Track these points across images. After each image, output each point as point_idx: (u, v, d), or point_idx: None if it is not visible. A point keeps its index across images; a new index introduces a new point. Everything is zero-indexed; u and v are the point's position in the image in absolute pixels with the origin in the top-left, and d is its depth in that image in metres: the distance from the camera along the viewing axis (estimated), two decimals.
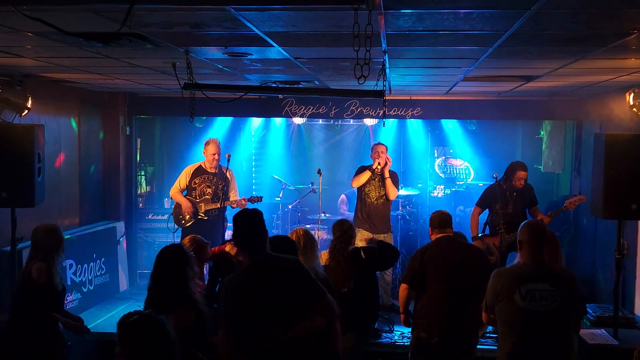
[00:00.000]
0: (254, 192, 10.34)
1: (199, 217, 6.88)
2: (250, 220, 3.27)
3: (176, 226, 6.99)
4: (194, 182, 6.97)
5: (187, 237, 4.68)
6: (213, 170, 7.00)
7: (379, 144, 7.01)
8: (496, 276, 3.69)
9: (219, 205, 6.82)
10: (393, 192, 6.79)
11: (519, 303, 3.49)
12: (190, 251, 4.26)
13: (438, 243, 4.56)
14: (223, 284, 3.39)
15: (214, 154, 6.93)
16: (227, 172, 6.89)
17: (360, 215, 6.79)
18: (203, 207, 6.88)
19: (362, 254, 4.86)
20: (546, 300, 3.47)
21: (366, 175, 6.71)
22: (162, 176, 10.07)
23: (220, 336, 3.15)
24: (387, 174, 6.71)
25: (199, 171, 7.02)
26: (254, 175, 10.77)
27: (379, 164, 6.74)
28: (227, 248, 5.02)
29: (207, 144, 7.01)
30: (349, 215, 9.02)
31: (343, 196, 9.29)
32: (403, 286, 4.50)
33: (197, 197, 6.94)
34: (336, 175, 10.01)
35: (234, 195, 6.98)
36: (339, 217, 8.83)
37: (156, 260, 3.70)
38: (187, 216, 6.89)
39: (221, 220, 6.85)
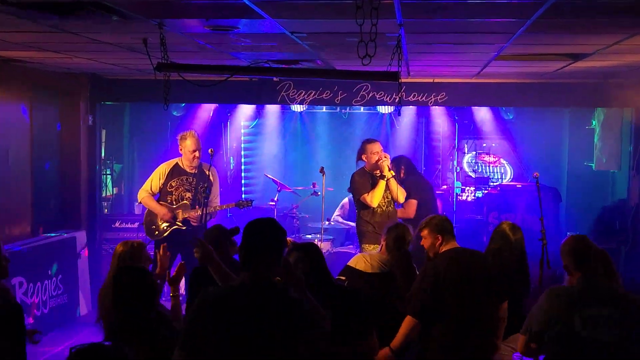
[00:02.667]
0: (243, 195, 10.42)
1: (176, 226, 6.84)
2: (262, 235, 3.16)
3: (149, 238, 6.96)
4: (170, 185, 6.87)
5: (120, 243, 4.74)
6: (193, 170, 6.91)
7: (372, 141, 6.76)
8: (550, 298, 3.61)
9: (199, 213, 6.75)
10: (402, 193, 6.67)
11: (579, 331, 3.47)
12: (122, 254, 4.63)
13: (454, 258, 4.32)
14: (203, 293, 3.35)
15: (194, 151, 6.80)
16: (210, 172, 6.84)
17: (372, 228, 6.63)
18: (181, 215, 6.82)
19: None
20: (611, 327, 3.46)
21: (382, 186, 6.56)
22: (133, 176, 10.11)
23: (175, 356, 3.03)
24: (389, 174, 6.59)
25: (176, 171, 6.91)
26: (243, 174, 10.81)
27: (387, 167, 6.59)
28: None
29: (183, 138, 6.87)
30: (343, 224, 8.99)
31: (346, 200, 9.26)
32: (409, 319, 4.20)
33: (174, 203, 6.86)
34: (343, 175, 10.01)
35: (216, 200, 6.95)
36: (337, 224, 8.92)
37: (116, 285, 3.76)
38: (163, 226, 6.85)
39: (202, 230, 6.79)
